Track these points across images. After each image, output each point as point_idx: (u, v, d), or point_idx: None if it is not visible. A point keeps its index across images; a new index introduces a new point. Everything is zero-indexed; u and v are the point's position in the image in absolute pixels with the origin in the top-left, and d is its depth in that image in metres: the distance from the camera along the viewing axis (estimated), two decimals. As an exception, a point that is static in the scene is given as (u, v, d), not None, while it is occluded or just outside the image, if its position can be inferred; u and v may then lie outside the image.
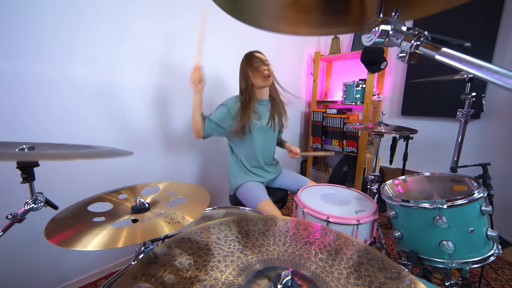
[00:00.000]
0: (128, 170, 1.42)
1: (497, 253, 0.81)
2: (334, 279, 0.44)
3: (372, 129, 1.37)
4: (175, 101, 1.58)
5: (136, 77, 1.38)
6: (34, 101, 1.08)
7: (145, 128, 1.47)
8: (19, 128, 1.06)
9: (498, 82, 0.28)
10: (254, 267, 0.46)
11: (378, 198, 1.39)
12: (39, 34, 1.05)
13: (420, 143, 2.16)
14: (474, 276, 1.46)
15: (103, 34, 1.22)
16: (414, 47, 0.37)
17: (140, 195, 0.81)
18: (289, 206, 2.29)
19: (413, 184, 1.04)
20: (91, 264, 1.38)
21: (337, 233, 0.59)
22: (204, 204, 0.71)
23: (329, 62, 2.74)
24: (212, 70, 1.75)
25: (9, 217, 0.61)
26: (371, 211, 0.94)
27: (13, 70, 1.02)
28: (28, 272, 1.16)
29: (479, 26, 1.81)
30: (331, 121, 2.42)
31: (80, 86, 1.19)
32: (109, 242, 0.53)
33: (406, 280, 0.44)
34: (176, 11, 1.48)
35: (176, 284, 0.40)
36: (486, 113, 1.86)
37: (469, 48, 0.37)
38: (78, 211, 0.69)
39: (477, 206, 0.80)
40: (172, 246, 0.50)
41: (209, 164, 1.86)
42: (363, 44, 0.44)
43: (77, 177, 1.24)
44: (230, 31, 1.80)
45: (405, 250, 0.88)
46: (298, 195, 1.06)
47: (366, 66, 1.76)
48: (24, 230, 1.01)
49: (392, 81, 2.34)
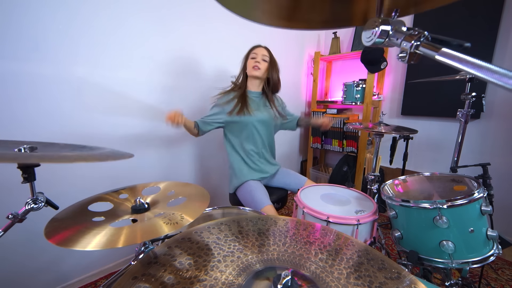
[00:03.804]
0: (129, 170, 1.42)
1: (497, 253, 0.81)
2: (334, 279, 0.44)
3: (372, 129, 1.37)
4: (176, 100, 1.58)
5: (136, 77, 1.38)
6: (32, 100, 1.08)
7: (146, 128, 1.47)
8: (18, 128, 1.06)
9: (498, 82, 0.28)
10: (254, 267, 0.46)
11: (378, 198, 1.39)
12: (37, 33, 1.05)
13: (420, 143, 2.16)
14: (474, 276, 1.46)
15: (101, 33, 1.22)
16: (414, 47, 0.37)
17: (141, 195, 0.81)
18: (289, 206, 2.29)
19: (413, 184, 1.04)
20: (91, 264, 1.38)
21: (337, 233, 0.59)
22: (204, 204, 0.71)
23: (329, 62, 2.74)
24: (213, 68, 1.75)
25: (9, 217, 0.61)
26: (371, 211, 0.94)
27: (13, 70, 1.02)
28: (28, 272, 1.16)
29: (479, 26, 1.81)
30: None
31: (79, 85, 1.19)
32: (109, 242, 0.53)
33: (406, 280, 0.44)
34: (176, 10, 1.48)
35: (176, 284, 0.40)
36: (486, 113, 1.86)
37: (469, 48, 0.37)
38: (78, 211, 0.69)
39: (477, 206, 0.80)
40: (172, 246, 0.50)
41: (209, 164, 1.86)
42: (363, 44, 0.44)
43: (78, 177, 1.24)
44: (229, 29, 1.81)
45: (405, 250, 0.88)
46: (298, 195, 1.06)
47: (366, 66, 1.76)
48: (24, 230, 1.01)
49: (392, 81, 2.34)
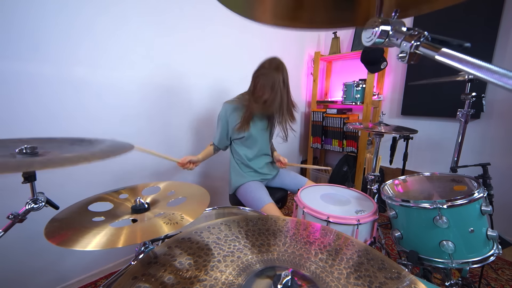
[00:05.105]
0: (129, 170, 1.42)
1: (497, 253, 0.81)
2: (334, 279, 0.44)
3: (372, 129, 1.37)
4: (176, 101, 1.58)
5: (136, 77, 1.38)
6: (32, 100, 1.08)
7: (146, 129, 1.47)
8: (19, 127, 1.06)
9: (497, 82, 0.28)
10: (254, 267, 0.46)
11: (378, 198, 1.39)
12: (39, 34, 1.05)
13: (420, 143, 2.16)
14: (474, 276, 1.46)
15: (102, 33, 1.22)
16: (414, 47, 0.37)
17: (141, 195, 0.81)
18: (289, 206, 2.29)
19: (413, 184, 1.04)
20: (91, 264, 1.38)
21: (337, 233, 0.59)
22: (204, 204, 0.71)
23: (329, 62, 2.74)
24: (214, 69, 1.75)
25: (10, 217, 0.61)
26: (371, 211, 0.94)
27: (12, 69, 1.02)
28: (28, 272, 1.16)
29: (479, 27, 1.81)
30: (331, 121, 2.42)
31: (78, 86, 1.19)
32: (109, 242, 0.53)
33: (406, 280, 0.44)
34: (176, 9, 1.48)
35: (176, 284, 0.40)
36: (486, 113, 1.86)
37: (469, 48, 0.37)
38: (78, 211, 0.69)
39: (477, 206, 0.80)
40: (172, 246, 0.50)
41: (210, 164, 1.86)
42: (363, 44, 0.44)
43: (78, 177, 1.24)
44: (230, 31, 1.81)
45: (405, 250, 0.88)
46: (298, 195, 1.06)
47: (366, 66, 1.76)
48: (24, 230, 1.01)
49: (392, 81, 2.34)
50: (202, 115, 1.74)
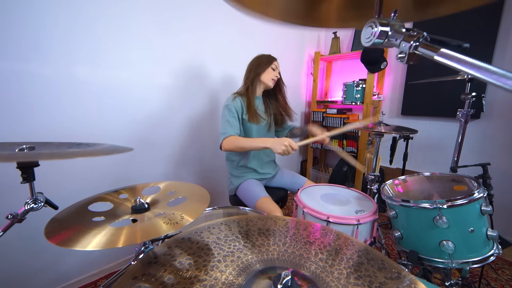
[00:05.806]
0: (129, 170, 1.42)
1: (497, 253, 0.81)
2: (334, 279, 0.44)
3: (372, 129, 1.37)
4: (176, 101, 1.58)
5: (136, 77, 1.38)
6: (32, 100, 1.08)
7: (146, 129, 1.47)
8: (18, 129, 1.06)
9: (496, 83, 0.28)
10: (254, 267, 0.46)
11: (378, 198, 1.39)
12: (39, 34, 1.05)
13: (420, 143, 2.16)
14: (474, 276, 1.46)
15: (102, 33, 1.22)
16: (413, 47, 0.37)
17: (141, 195, 0.81)
18: (289, 206, 2.29)
19: (413, 184, 1.04)
20: (91, 264, 1.38)
21: (337, 233, 0.59)
22: (204, 204, 0.71)
23: (329, 62, 2.74)
24: (215, 69, 1.76)
25: (9, 217, 0.61)
26: (371, 211, 0.94)
27: (12, 69, 1.02)
28: (28, 272, 1.16)
29: (479, 27, 1.81)
30: (331, 121, 2.42)
31: (79, 86, 1.19)
32: (109, 242, 0.53)
33: (406, 280, 0.44)
34: (176, 9, 1.48)
35: (176, 284, 0.40)
36: (486, 113, 1.86)
37: (469, 49, 0.37)
38: (78, 211, 0.69)
39: (477, 206, 0.80)
40: (172, 246, 0.50)
41: (210, 164, 1.86)
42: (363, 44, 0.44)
43: (78, 177, 1.24)
44: (230, 31, 1.81)
45: (405, 250, 0.88)
46: (298, 195, 1.06)
47: (366, 66, 1.76)
48: (24, 230, 1.01)
49: (392, 81, 2.34)
50: (202, 115, 1.75)
